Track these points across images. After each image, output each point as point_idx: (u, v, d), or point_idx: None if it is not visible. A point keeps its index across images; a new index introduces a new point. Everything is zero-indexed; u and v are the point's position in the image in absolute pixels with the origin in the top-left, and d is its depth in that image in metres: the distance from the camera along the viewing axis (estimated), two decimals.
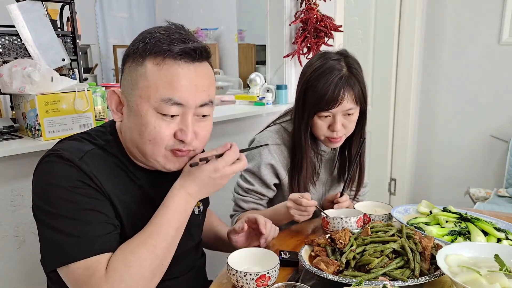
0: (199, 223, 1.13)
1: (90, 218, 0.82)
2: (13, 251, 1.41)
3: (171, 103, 0.84)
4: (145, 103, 0.84)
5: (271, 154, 1.37)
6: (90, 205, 0.82)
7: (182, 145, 0.88)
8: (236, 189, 1.42)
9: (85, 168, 0.83)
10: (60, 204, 0.81)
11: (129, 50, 0.88)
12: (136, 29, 5.20)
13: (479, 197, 2.81)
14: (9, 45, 1.48)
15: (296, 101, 1.34)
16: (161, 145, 0.87)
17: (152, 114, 0.84)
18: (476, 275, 0.81)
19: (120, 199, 0.88)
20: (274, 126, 1.44)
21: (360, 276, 0.88)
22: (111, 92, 0.90)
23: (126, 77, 0.87)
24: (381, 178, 3.45)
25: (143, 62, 0.84)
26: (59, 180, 0.82)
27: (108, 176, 0.87)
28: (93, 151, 0.88)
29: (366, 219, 1.23)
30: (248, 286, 0.90)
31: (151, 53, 0.83)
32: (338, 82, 1.22)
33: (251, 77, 2.49)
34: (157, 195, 0.94)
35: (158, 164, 0.90)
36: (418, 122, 3.36)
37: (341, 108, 1.24)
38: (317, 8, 2.24)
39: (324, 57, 1.28)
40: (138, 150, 0.90)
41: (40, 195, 0.84)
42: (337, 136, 1.29)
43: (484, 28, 2.96)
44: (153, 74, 0.83)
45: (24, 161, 1.38)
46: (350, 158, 1.41)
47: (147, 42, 0.84)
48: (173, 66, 0.84)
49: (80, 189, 0.82)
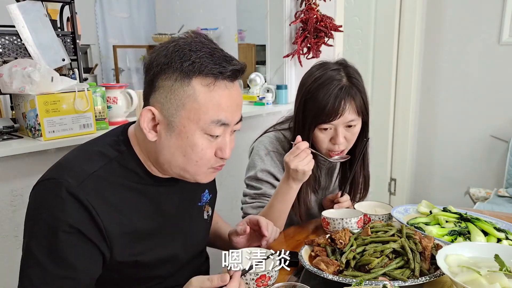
0: (207, 229, 1.13)
1: (60, 272, 0.79)
2: (13, 251, 1.41)
3: (220, 124, 0.84)
4: (193, 124, 0.83)
5: (274, 161, 1.35)
6: (68, 255, 0.79)
7: (221, 162, 0.90)
8: (243, 200, 1.38)
9: (82, 198, 0.79)
10: (40, 243, 0.79)
11: (163, 65, 0.82)
12: (136, 29, 5.21)
13: (479, 197, 2.81)
14: (9, 45, 1.48)
15: (295, 113, 1.30)
16: (206, 165, 0.88)
17: (200, 136, 0.84)
18: (476, 275, 0.81)
19: (120, 223, 0.85)
20: (274, 132, 1.41)
21: (360, 276, 0.88)
22: (146, 110, 0.84)
23: (167, 96, 0.83)
24: (381, 178, 3.44)
25: (190, 83, 0.81)
26: (48, 216, 0.79)
27: (109, 200, 0.84)
28: (98, 172, 0.84)
29: (366, 219, 1.23)
30: (248, 286, 0.90)
31: (200, 74, 0.81)
32: (338, 93, 1.19)
33: (251, 77, 2.49)
34: (168, 206, 0.95)
35: (191, 178, 0.91)
36: (418, 122, 3.36)
37: (342, 120, 1.21)
38: (317, 8, 2.24)
39: (323, 68, 1.25)
40: (173, 168, 0.88)
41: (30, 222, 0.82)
42: (339, 150, 1.25)
43: (484, 28, 2.95)
44: (202, 96, 0.82)
45: (24, 161, 1.38)
46: (352, 163, 1.37)
47: (193, 61, 0.80)
48: (222, 87, 0.83)
49: (66, 234, 0.79)
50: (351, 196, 1.38)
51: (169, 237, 0.97)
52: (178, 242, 0.99)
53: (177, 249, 0.99)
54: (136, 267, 0.91)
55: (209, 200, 1.11)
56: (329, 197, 1.40)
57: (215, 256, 1.27)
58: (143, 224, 0.90)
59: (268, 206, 1.25)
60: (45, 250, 0.79)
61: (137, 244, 0.89)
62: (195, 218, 1.06)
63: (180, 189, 0.99)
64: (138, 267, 0.91)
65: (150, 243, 0.92)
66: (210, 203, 1.12)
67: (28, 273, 0.80)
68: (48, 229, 0.79)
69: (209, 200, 1.11)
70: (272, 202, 1.24)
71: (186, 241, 1.01)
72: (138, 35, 5.21)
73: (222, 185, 2.21)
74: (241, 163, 2.10)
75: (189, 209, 1.03)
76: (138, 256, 0.90)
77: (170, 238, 0.97)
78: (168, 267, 0.98)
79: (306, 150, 1.17)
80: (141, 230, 0.90)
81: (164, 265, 0.97)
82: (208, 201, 1.10)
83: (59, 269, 0.79)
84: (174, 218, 0.98)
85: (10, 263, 1.39)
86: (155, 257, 0.93)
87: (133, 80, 5.03)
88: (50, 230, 0.79)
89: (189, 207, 1.03)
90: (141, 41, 5.17)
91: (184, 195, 1.01)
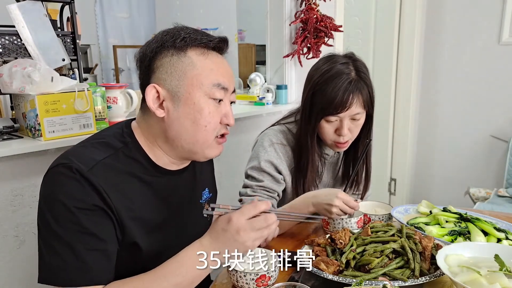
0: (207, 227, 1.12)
1: (90, 245, 0.81)
2: (13, 251, 1.41)
3: (220, 87, 0.90)
4: (198, 90, 0.88)
5: (277, 153, 1.35)
6: (92, 229, 0.81)
7: (226, 129, 0.95)
8: (243, 191, 1.35)
9: (93, 180, 0.82)
10: (63, 223, 0.80)
11: (156, 48, 0.89)
12: (136, 29, 5.20)
13: (479, 197, 2.81)
14: (9, 45, 1.48)
15: (303, 105, 1.32)
16: (215, 130, 0.91)
17: (205, 100, 0.89)
18: (476, 275, 0.81)
19: (129, 209, 0.87)
20: (278, 126, 1.42)
21: (360, 276, 0.88)
22: (150, 87, 0.88)
23: (167, 71, 0.88)
24: (381, 178, 3.44)
25: (186, 54, 0.88)
26: (65, 197, 0.81)
27: (118, 187, 0.86)
28: (105, 160, 0.86)
29: (366, 219, 1.23)
30: (248, 286, 0.90)
31: (193, 45, 0.89)
32: (347, 87, 1.21)
33: (251, 77, 2.49)
34: (174, 197, 0.97)
35: (200, 151, 0.93)
36: (418, 122, 3.36)
37: (349, 112, 1.23)
38: (317, 8, 2.24)
39: (332, 61, 1.26)
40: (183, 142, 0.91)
41: (46, 208, 0.83)
42: (344, 141, 1.27)
43: (484, 28, 2.95)
44: (200, 63, 0.88)
45: (24, 161, 1.38)
46: (354, 161, 1.38)
47: (183, 37, 0.88)
48: (214, 55, 0.91)
49: (85, 210, 0.81)
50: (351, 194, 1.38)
51: (170, 229, 0.98)
52: (179, 235, 0.99)
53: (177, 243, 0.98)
54: (140, 255, 0.91)
55: (210, 199, 1.12)
56: None
57: None
58: (148, 213, 0.92)
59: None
60: (68, 229, 0.80)
61: (143, 231, 0.90)
62: (196, 213, 1.06)
63: (183, 183, 1.01)
64: (142, 254, 0.91)
65: (153, 233, 0.93)
66: (210, 202, 1.12)
67: (61, 255, 0.80)
68: (67, 210, 0.80)
69: (210, 199, 1.12)
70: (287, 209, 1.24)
71: (186, 235, 1.00)
72: (138, 35, 5.21)
73: (222, 185, 2.21)
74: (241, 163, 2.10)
75: (191, 205, 1.04)
76: (144, 243, 0.91)
77: (171, 231, 0.98)
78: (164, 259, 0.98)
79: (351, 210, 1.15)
80: (146, 219, 0.91)
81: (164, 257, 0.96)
82: (208, 199, 1.11)
83: (88, 243, 0.81)
84: (177, 211, 0.99)
85: (10, 263, 1.39)
86: (157, 248, 0.94)
87: (133, 80, 5.02)
88: (68, 210, 0.80)
89: (191, 203, 1.05)
90: (141, 41, 5.15)
91: (187, 190, 1.03)
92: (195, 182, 1.06)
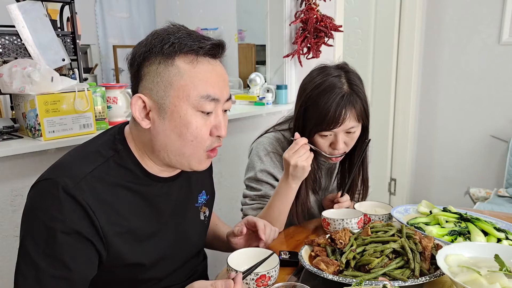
0: (204, 230, 1.12)
1: (55, 272, 0.79)
2: (13, 251, 1.41)
3: (210, 99, 0.84)
4: (184, 102, 0.83)
5: (273, 162, 1.35)
6: (64, 254, 0.79)
7: (218, 141, 0.90)
8: (243, 201, 1.38)
9: (79, 198, 0.79)
10: (37, 241, 0.79)
11: (145, 53, 0.84)
12: (136, 29, 5.20)
13: (479, 197, 2.81)
14: (9, 45, 1.48)
15: (295, 119, 1.30)
16: (203, 145, 0.87)
17: (192, 113, 0.84)
18: (476, 275, 0.81)
19: (117, 224, 0.85)
20: (273, 133, 1.41)
21: (360, 276, 0.88)
22: (136, 98, 0.85)
23: (154, 80, 0.84)
24: (381, 178, 3.45)
25: (173, 62, 0.83)
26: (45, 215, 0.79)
27: (106, 201, 0.84)
28: (94, 172, 0.83)
29: (366, 219, 1.23)
30: (248, 286, 0.90)
31: (181, 52, 0.83)
32: (339, 102, 1.18)
33: (251, 77, 2.49)
34: (167, 204, 0.95)
35: (187, 164, 0.90)
36: (418, 122, 3.36)
37: (343, 127, 1.21)
38: (317, 8, 2.24)
39: (324, 73, 1.24)
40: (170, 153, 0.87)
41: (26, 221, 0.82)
42: (339, 154, 1.26)
43: (484, 28, 2.96)
44: (188, 73, 0.83)
45: (24, 161, 1.38)
46: (351, 165, 1.37)
47: (172, 42, 0.82)
48: (205, 63, 0.85)
49: (62, 234, 0.78)
50: (350, 196, 1.38)
51: (165, 238, 0.96)
52: (174, 243, 0.98)
53: (173, 250, 0.98)
54: (131, 268, 0.90)
55: (206, 201, 1.10)
56: (328, 196, 1.40)
57: (214, 257, 1.27)
58: (139, 224, 0.90)
59: (267, 206, 1.25)
60: (40, 250, 0.79)
61: (133, 244, 0.89)
62: (192, 219, 1.05)
63: (177, 189, 0.98)
64: (133, 267, 0.90)
65: (146, 244, 0.91)
66: (207, 204, 1.11)
67: (23, 272, 0.80)
68: (44, 229, 0.78)
69: (206, 201, 1.10)
70: (272, 202, 1.24)
71: (182, 242, 1.01)
72: (138, 35, 5.20)
73: (222, 185, 2.21)
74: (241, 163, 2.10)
75: (186, 210, 1.02)
76: (134, 257, 0.89)
77: (166, 239, 0.96)
78: (163, 268, 0.97)
79: (305, 146, 1.18)
80: (137, 230, 0.89)
81: (159, 266, 0.96)
82: (205, 202, 1.09)
83: (54, 269, 0.79)
84: (170, 218, 0.97)
85: (10, 263, 1.40)
86: (150, 258, 0.92)
87: None
88: (46, 231, 0.78)
89: (186, 208, 1.02)
90: None
91: (181, 196, 1.00)
92: (190, 186, 1.04)
